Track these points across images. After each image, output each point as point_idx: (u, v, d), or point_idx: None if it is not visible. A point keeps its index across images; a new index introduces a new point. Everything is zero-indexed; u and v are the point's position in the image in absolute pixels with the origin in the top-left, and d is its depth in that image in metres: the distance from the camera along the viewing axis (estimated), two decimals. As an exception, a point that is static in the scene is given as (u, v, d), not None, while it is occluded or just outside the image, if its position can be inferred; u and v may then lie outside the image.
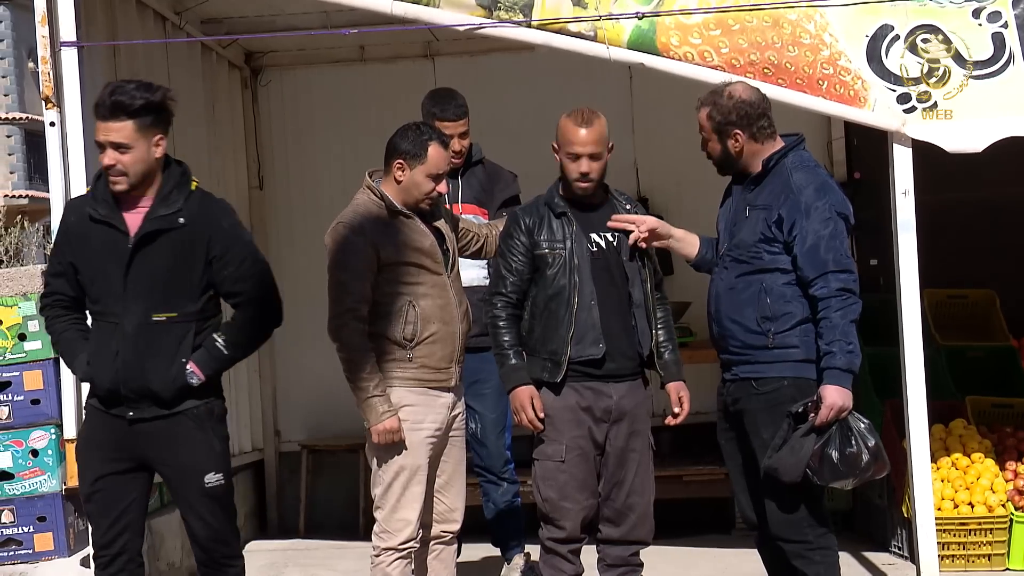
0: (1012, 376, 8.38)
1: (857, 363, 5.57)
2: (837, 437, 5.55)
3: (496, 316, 5.85)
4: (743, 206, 5.76)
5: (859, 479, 5.63)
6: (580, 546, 5.88)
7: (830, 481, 5.59)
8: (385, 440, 5.68)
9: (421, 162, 5.75)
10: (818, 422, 5.53)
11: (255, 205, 9.65)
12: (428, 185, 5.77)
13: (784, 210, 5.62)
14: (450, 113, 6.89)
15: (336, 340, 5.72)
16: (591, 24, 6.53)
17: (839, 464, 5.54)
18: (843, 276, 5.56)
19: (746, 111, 5.70)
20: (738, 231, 5.75)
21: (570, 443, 5.78)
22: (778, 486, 5.63)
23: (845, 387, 5.54)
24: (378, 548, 5.76)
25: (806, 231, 5.58)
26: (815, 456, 5.53)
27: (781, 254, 5.65)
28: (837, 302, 5.53)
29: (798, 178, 5.66)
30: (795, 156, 5.75)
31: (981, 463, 7.49)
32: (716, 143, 5.77)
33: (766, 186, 5.72)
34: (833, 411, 5.53)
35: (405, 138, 5.79)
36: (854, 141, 9.23)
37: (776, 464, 5.58)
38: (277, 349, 9.68)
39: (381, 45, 9.45)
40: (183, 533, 7.89)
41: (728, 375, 5.82)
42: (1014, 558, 7.36)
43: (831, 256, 5.56)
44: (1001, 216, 9.23)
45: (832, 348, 5.52)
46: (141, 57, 7.67)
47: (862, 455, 5.56)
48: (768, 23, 6.54)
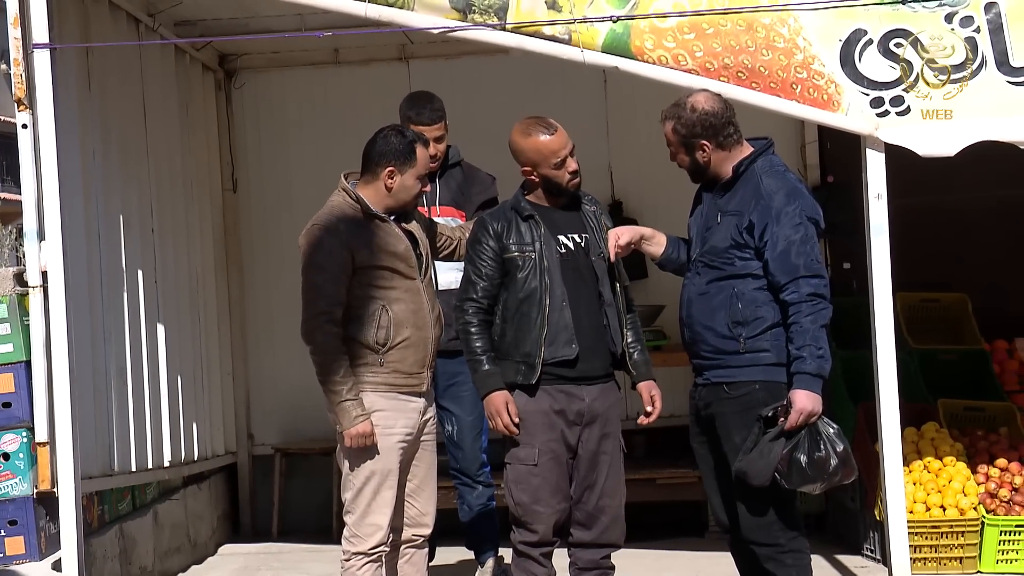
0: (984, 379, 8.41)
1: (827, 368, 5.60)
2: (806, 441, 5.56)
3: (468, 322, 5.85)
4: (714, 212, 5.79)
5: (827, 484, 5.64)
6: (552, 549, 5.88)
7: (798, 485, 5.60)
8: (358, 444, 5.66)
9: (411, 165, 5.76)
10: (787, 426, 5.55)
11: (229, 208, 9.62)
12: (417, 187, 5.79)
13: (755, 216, 5.64)
14: (426, 117, 6.88)
15: (309, 343, 5.70)
16: (565, 27, 6.53)
17: (807, 468, 5.55)
18: (814, 281, 5.58)
19: (710, 122, 5.74)
20: (710, 237, 5.77)
21: (543, 447, 5.78)
22: (750, 490, 5.64)
23: (815, 392, 5.56)
24: (348, 552, 5.75)
25: (777, 236, 5.60)
26: (784, 460, 5.55)
27: (752, 260, 5.67)
28: (808, 307, 5.56)
29: (768, 183, 5.69)
30: (764, 161, 5.78)
31: (953, 466, 7.51)
32: (684, 155, 5.82)
33: (737, 192, 5.75)
34: (803, 416, 5.55)
35: (390, 144, 5.77)
36: (828, 145, 9.25)
37: (745, 467, 5.60)
38: (250, 352, 9.67)
39: (355, 48, 9.43)
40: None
41: (700, 380, 5.83)
42: (985, 561, 7.38)
43: (802, 261, 5.58)
44: (974, 220, 9.27)
45: (802, 353, 5.54)
46: (114, 59, 7.65)
47: (830, 460, 5.57)
48: (742, 27, 6.55)
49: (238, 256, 9.66)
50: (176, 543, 8.32)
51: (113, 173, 7.59)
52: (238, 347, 9.59)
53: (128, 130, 7.86)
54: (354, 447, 5.68)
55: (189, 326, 8.65)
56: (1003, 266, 9.23)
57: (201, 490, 8.92)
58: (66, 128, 6.70)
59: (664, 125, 5.83)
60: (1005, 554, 7.37)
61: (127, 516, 7.67)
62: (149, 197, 8.09)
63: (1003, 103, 6.58)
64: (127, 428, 7.56)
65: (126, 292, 7.67)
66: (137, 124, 8.01)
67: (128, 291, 7.69)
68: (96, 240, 7.30)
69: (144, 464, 7.77)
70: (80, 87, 7.21)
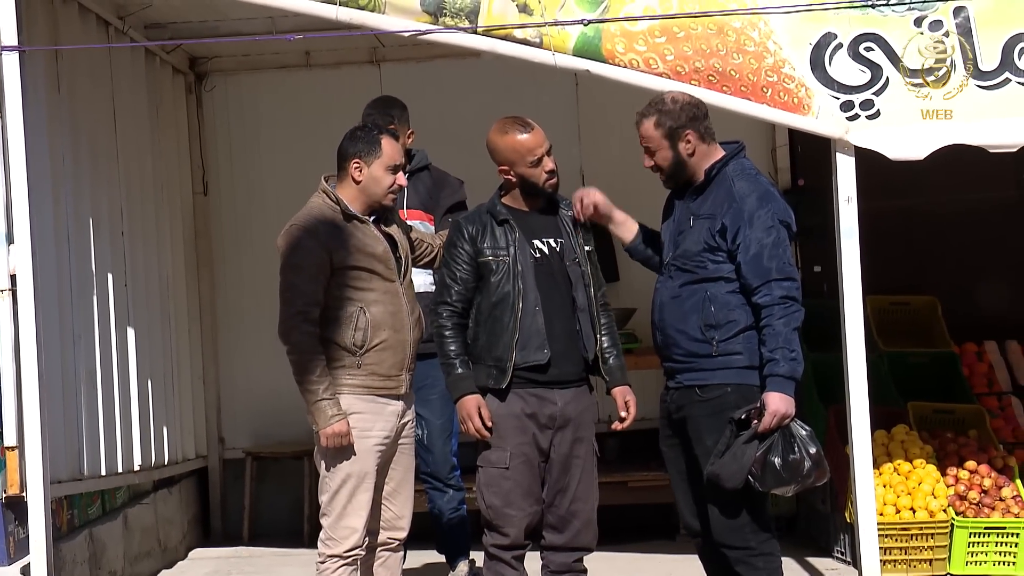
0: (953, 382, 8.45)
1: (800, 370, 5.62)
2: (780, 444, 5.58)
3: (442, 325, 5.85)
4: (687, 216, 5.80)
5: (801, 486, 5.65)
6: (524, 553, 5.88)
7: (772, 487, 5.61)
8: (334, 444, 5.65)
9: (377, 156, 5.75)
10: (761, 429, 5.56)
11: (199, 211, 9.58)
12: (388, 178, 5.78)
13: (727, 219, 5.66)
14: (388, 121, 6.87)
15: (286, 342, 5.69)
16: (537, 31, 6.53)
17: (781, 471, 5.56)
18: (786, 284, 5.60)
19: (693, 112, 5.79)
20: (682, 240, 5.79)
21: (514, 450, 5.78)
22: (721, 493, 5.65)
23: (788, 394, 5.57)
24: (323, 555, 5.74)
25: (749, 240, 5.62)
26: (757, 463, 5.56)
27: (725, 263, 5.69)
28: (780, 310, 5.57)
29: (740, 187, 5.71)
30: (736, 164, 5.80)
31: (923, 468, 7.55)
32: (667, 150, 5.80)
33: (709, 195, 5.77)
34: (776, 418, 5.56)
35: (355, 139, 5.80)
36: (798, 148, 9.29)
37: (718, 470, 5.60)
38: (221, 355, 9.64)
39: (327, 51, 9.42)
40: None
41: (672, 383, 5.84)
42: (955, 563, 7.42)
43: (774, 264, 5.60)
44: (943, 223, 9.32)
45: (775, 355, 5.55)
46: (84, 62, 7.61)
47: (804, 462, 5.59)
48: (713, 30, 6.56)
49: (209, 259, 9.62)
50: (146, 547, 8.29)
51: (83, 176, 7.55)
52: (209, 350, 9.56)
53: (98, 133, 7.83)
54: (330, 447, 5.67)
55: (159, 329, 8.62)
56: (973, 269, 9.29)
57: (171, 494, 8.89)
58: (35, 131, 6.67)
59: (641, 125, 5.83)
60: (974, 556, 7.40)
61: (97, 520, 7.64)
62: (119, 200, 8.05)
63: (972, 107, 6.61)
64: (97, 432, 7.52)
65: (96, 295, 7.63)
66: (107, 127, 7.98)
67: (98, 294, 7.66)
68: (66, 243, 7.27)
69: (114, 468, 7.74)
70: (49, 90, 7.18)
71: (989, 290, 9.24)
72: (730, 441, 5.60)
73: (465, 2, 6.50)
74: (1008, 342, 8.94)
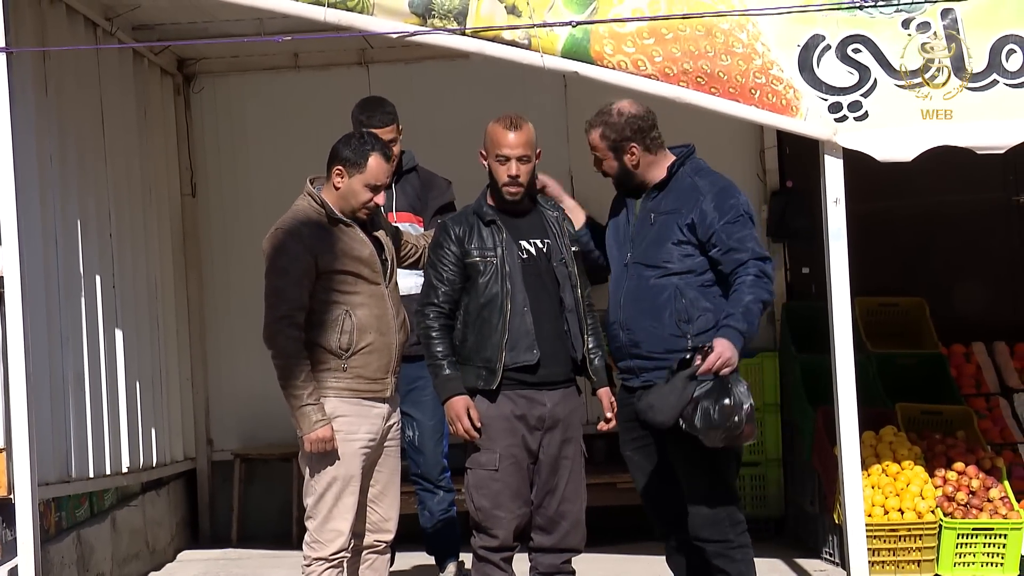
0: (941, 383, 8.46)
1: (754, 333, 5.70)
2: (717, 389, 5.58)
3: (429, 327, 5.84)
4: (647, 214, 5.90)
5: (728, 435, 5.61)
6: (512, 554, 5.88)
7: (700, 430, 5.59)
8: (318, 449, 5.65)
9: (360, 171, 5.74)
10: (703, 368, 5.58)
11: (188, 212, 9.57)
12: (365, 195, 5.76)
13: (695, 214, 5.78)
14: (376, 120, 6.86)
15: (271, 347, 5.69)
16: (525, 32, 6.53)
17: (713, 414, 5.56)
18: (760, 263, 5.73)
19: (638, 125, 5.88)
20: (644, 239, 5.86)
21: (504, 452, 5.78)
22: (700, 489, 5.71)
23: (737, 346, 5.62)
24: (309, 558, 5.74)
25: (721, 232, 5.74)
26: (691, 403, 5.58)
27: (692, 256, 5.80)
28: (752, 281, 5.69)
29: (703, 183, 5.85)
30: (691, 164, 5.94)
31: (911, 470, 7.55)
32: (612, 160, 5.94)
33: (670, 192, 5.89)
34: (721, 360, 5.59)
35: (348, 146, 5.78)
36: (787, 150, 9.30)
37: (654, 401, 5.65)
38: (209, 357, 9.62)
39: (315, 52, 9.41)
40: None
41: (639, 382, 5.85)
42: (943, 563, 7.42)
43: (748, 251, 5.73)
44: (931, 225, 9.33)
45: (735, 311, 5.65)
46: (72, 63, 7.60)
47: (736, 411, 5.57)
48: (701, 32, 6.56)
49: (197, 261, 9.61)
50: (134, 549, 8.27)
51: (70, 178, 7.54)
52: (197, 352, 9.54)
53: (85, 135, 7.82)
54: (314, 452, 5.67)
55: (148, 331, 8.60)
56: (961, 270, 9.31)
57: (160, 496, 8.88)
58: (23, 132, 6.66)
59: (590, 133, 5.96)
60: (962, 557, 7.41)
61: (85, 523, 7.62)
62: (107, 202, 8.04)
63: (960, 108, 6.62)
64: (85, 434, 7.51)
65: (84, 297, 7.62)
66: (95, 129, 7.97)
67: (86, 296, 7.65)
68: (53, 245, 7.26)
69: (102, 470, 7.73)
70: (37, 91, 7.17)
71: (977, 291, 9.26)
72: (669, 377, 5.64)
73: (453, 3, 6.50)
74: (996, 343, 8.95)
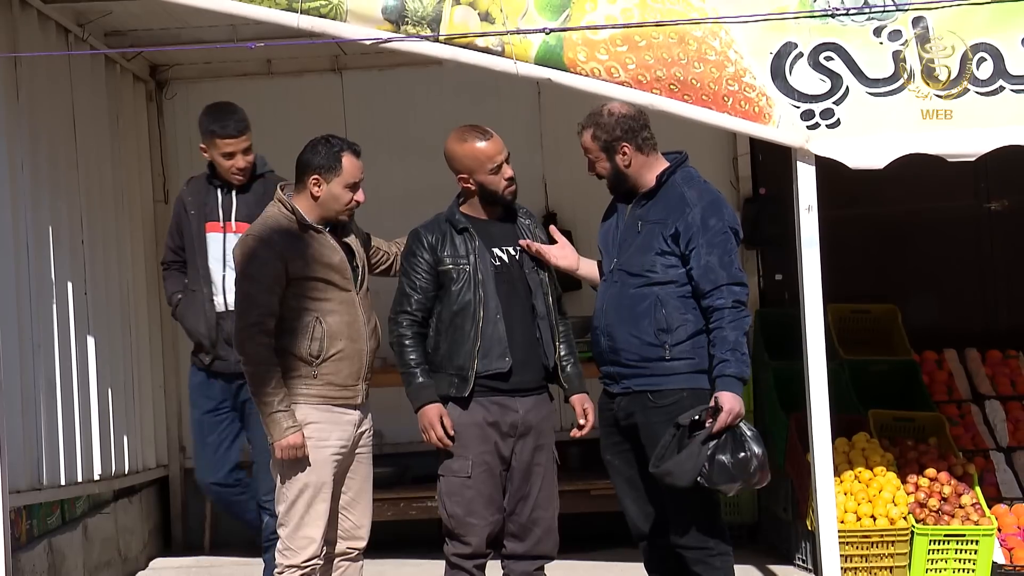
0: (913, 390, 8.49)
1: (748, 372, 5.77)
2: (730, 443, 5.70)
3: (402, 335, 5.84)
4: (634, 221, 5.90)
5: (746, 484, 5.78)
6: (485, 561, 5.89)
7: (719, 484, 5.71)
8: (288, 456, 5.64)
9: (337, 174, 5.73)
10: (717, 427, 5.65)
11: (160, 219, 9.51)
12: (346, 196, 5.76)
13: (681, 224, 5.78)
14: (231, 129, 6.76)
15: (241, 353, 5.68)
16: (499, 39, 6.53)
17: (731, 468, 5.68)
18: (736, 289, 5.75)
19: (629, 124, 5.88)
20: (630, 246, 5.86)
21: (476, 459, 5.78)
22: (680, 494, 5.71)
23: (739, 394, 5.70)
24: (281, 566, 5.73)
25: (701, 246, 5.74)
26: (707, 460, 5.65)
27: (675, 267, 5.80)
28: (730, 314, 5.71)
29: (691, 194, 5.84)
30: (683, 172, 5.93)
31: (883, 476, 7.57)
32: (605, 162, 5.94)
33: (659, 201, 5.88)
34: (732, 416, 5.66)
35: (316, 153, 5.76)
36: (759, 157, 9.32)
37: (672, 468, 5.67)
38: (182, 364, 9.56)
39: (288, 59, 9.39)
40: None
41: (618, 388, 5.87)
42: (915, 570, 7.44)
43: (726, 270, 5.73)
44: (904, 232, 9.37)
45: (727, 357, 5.68)
46: (43, 70, 7.56)
47: (752, 460, 5.71)
48: (674, 40, 6.58)
49: (169, 267, 9.56)
50: (106, 557, 8.24)
51: (42, 184, 7.51)
52: (169, 359, 9.50)
53: (57, 141, 7.79)
54: (285, 459, 5.66)
55: (120, 338, 8.57)
56: (932, 277, 9.35)
57: (132, 504, 8.84)
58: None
59: (582, 135, 5.98)
60: (934, 563, 7.43)
61: (56, 530, 7.59)
62: (78, 208, 8.01)
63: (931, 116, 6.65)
64: (56, 441, 7.47)
65: (55, 304, 7.59)
66: (66, 135, 7.94)
67: (57, 303, 7.61)
68: (24, 252, 7.22)
69: (74, 478, 7.69)
70: (8, 97, 7.13)
71: (949, 298, 9.30)
72: (681, 441, 5.68)
73: (427, 10, 6.50)
74: (967, 350, 8.98)
